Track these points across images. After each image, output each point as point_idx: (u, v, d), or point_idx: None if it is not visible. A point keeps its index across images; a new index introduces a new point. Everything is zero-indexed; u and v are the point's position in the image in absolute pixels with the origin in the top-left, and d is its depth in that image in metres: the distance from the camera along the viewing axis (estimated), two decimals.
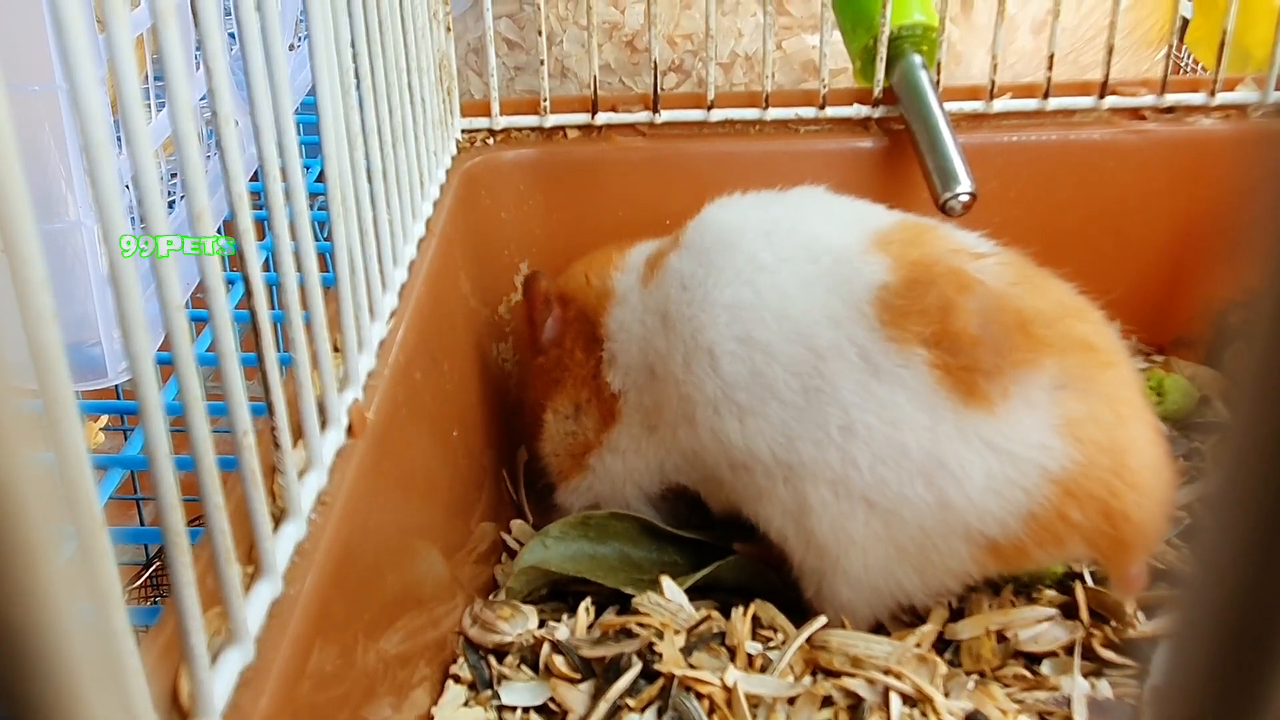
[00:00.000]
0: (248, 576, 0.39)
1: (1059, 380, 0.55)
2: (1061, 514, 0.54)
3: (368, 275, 0.52)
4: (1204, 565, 0.14)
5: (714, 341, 0.61)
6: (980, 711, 0.53)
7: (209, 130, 0.67)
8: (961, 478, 0.55)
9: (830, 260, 0.60)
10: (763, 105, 0.83)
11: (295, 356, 0.43)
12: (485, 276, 0.81)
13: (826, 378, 0.58)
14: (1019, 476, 0.54)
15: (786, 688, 0.55)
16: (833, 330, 0.58)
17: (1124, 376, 0.57)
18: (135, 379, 0.29)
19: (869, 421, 0.56)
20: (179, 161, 0.33)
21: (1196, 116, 0.84)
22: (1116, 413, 0.55)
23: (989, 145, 0.83)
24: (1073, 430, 0.54)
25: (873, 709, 0.53)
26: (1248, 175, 0.14)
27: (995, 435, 0.55)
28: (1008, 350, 0.55)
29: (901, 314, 0.57)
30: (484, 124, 0.83)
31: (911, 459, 0.56)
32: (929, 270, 0.57)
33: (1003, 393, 0.55)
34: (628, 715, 0.54)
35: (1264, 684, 0.14)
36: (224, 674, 0.36)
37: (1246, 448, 0.14)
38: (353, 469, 0.47)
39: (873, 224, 0.62)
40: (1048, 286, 0.59)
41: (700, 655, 0.57)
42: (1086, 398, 0.55)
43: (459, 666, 0.60)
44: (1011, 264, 0.60)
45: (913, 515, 0.56)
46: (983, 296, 0.56)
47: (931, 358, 0.56)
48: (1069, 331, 0.56)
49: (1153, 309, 0.86)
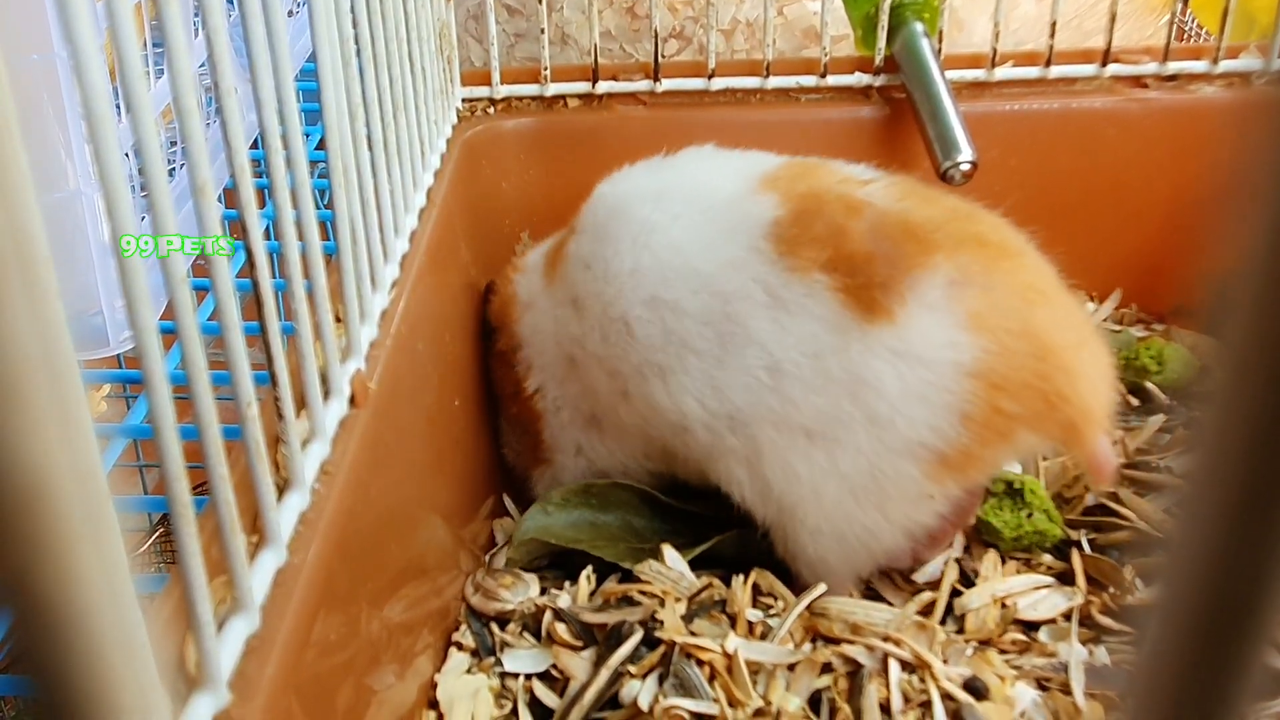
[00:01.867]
0: (252, 546, 0.39)
1: (955, 278, 0.55)
2: (994, 407, 0.54)
3: (369, 245, 0.52)
4: (1187, 535, 0.14)
5: (624, 310, 0.62)
6: (978, 678, 0.54)
7: (209, 98, 0.66)
8: (884, 391, 0.55)
9: (720, 207, 0.61)
10: (764, 74, 0.83)
11: (298, 326, 0.43)
12: (486, 246, 0.81)
13: (738, 321, 0.58)
14: (936, 378, 0.55)
15: (786, 655, 0.55)
16: (735, 273, 0.59)
17: (1026, 264, 0.57)
18: (139, 350, 0.29)
19: (790, 355, 0.57)
20: (179, 130, 0.33)
21: (1199, 84, 0.84)
22: (1024, 298, 0.55)
23: (990, 113, 0.83)
24: (978, 322, 0.54)
25: (871, 675, 0.54)
26: (1248, 143, 0.14)
27: (901, 343, 0.55)
28: (899, 259, 0.55)
29: (795, 244, 0.57)
30: (484, 93, 0.83)
31: (837, 383, 0.56)
32: (817, 199, 0.58)
33: (900, 301, 0.55)
34: (629, 682, 0.54)
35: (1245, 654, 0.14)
36: (230, 642, 0.36)
37: (1230, 419, 0.14)
38: (355, 439, 0.47)
39: (759, 168, 0.63)
40: (938, 197, 0.60)
41: (701, 623, 0.57)
42: (988, 290, 0.55)
43: (461, 634, 0.60)
44: (900, 184, 0.60)
45: (851, 440, 0.56)
46: (870, 215, 0.57)
47: (831, 281, 0.56)
48: (960, 231, 0.57)
49: (1153, 278, 0.86)
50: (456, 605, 0.62)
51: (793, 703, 0.53)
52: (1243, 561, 0.14)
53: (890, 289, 0.55)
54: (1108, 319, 0.86)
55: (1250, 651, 0.14)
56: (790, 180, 0.60)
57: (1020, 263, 0.57)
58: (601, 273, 0.63)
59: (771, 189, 0.60)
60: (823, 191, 0.59)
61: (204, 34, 0.35)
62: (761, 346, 0.58)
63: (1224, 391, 0.14)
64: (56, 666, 0.16)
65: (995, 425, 0.55)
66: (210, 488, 0.34)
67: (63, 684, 0.16)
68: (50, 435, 0.15)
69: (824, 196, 0.58)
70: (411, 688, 0.54)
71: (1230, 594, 0.14)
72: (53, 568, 0.16)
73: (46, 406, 0.15)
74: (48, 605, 0.16)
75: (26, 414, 0.15)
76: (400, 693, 0.52)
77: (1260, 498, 0.14)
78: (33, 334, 0.15)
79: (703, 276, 0.60)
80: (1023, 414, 0.54)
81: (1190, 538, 0.14)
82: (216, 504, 0.34)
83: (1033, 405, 0.54)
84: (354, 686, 0.45)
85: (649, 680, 0.54)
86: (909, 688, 0.54)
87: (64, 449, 0.16)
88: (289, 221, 0.41)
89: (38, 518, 0.15)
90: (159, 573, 0.91)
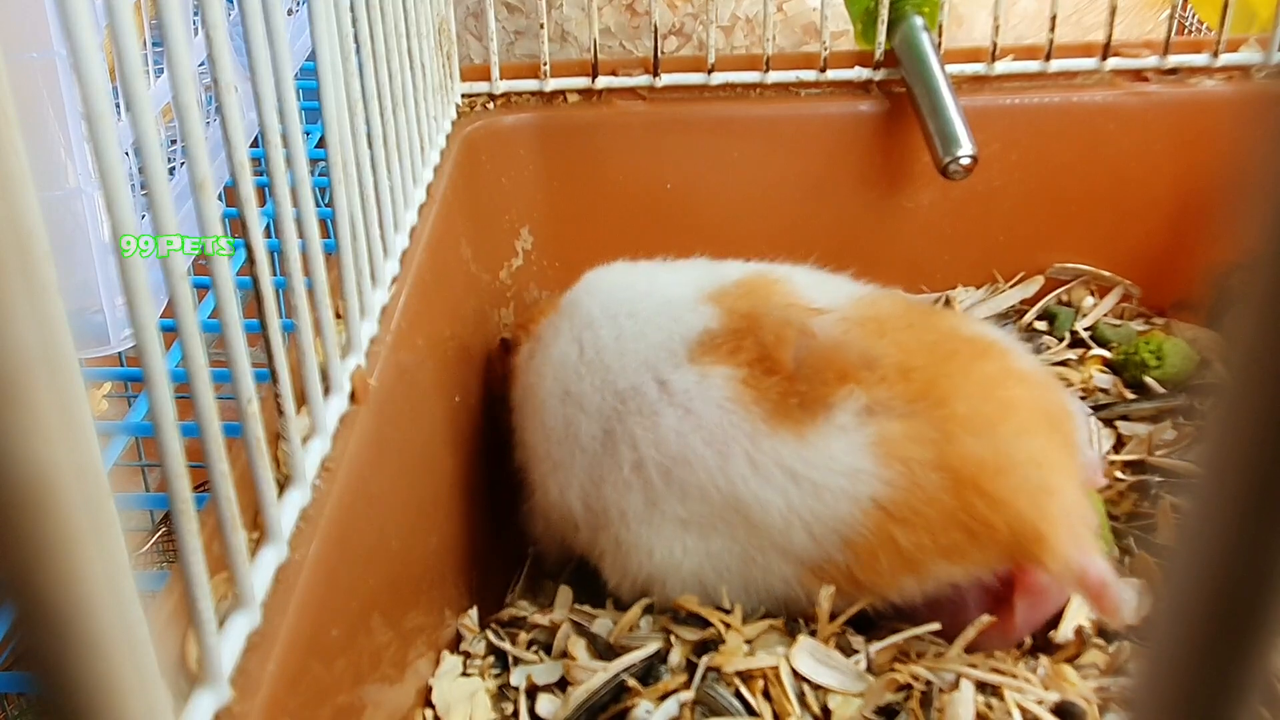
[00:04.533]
0: (253, 542, 0.39)
1: (869, 408, 0.55)
2: (888, 538, 0.53)
3: (369, 241, 0.52)
4: (1193, 532, 0.14)
5: (543, 398, 0.63)
6: (1072, 702, 0.52)
7: (209, 96, 0.66)
8: (767, 503, 0.55)
9: (659, 313, 0.61)
10: (763, 68, 0.83)
11: (298, 323, 0.43)
12: (486, 242, 0.81)
13: (624, 419, 0.59)
14: (826, 506, 0.54)
15: (853, 671, 0.53)
16: (636, 371, 0.59)
17: (967, 393, 0.55)
18: (140, 348, 0.29)
19: (670, 451, 0.57)
20: (179, 128, 0.33)
21: (1199, 78, 0.84)
22: (944, 431, 0.54)
23: (990, 108, 0.83)
24: (886, 452, 0.53)
25: (944, 692, 0.52)
26: (1249, 137, 0.14)
27: (801, 463, 0.54)
28: (817, 384, 0.55)
29: (709, 350, 0.58)
30: (484, 88, 0.83)
31: (719, 486, 0.55)
32: (754, 319, 0.58)
33: (811, 421, 0.55)
34: (638, 704, 0.53)
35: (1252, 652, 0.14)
36: (231, 639, 0.36)
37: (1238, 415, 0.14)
38: (356, 435, 0.47)
39: (717, 280, 0.62)
40: (896, 326, 0.58)
41: (767, 637, 0.56)
42: (905, 419, 0.54)
43: (470, 643, 0.60)
44: (861, 310, 0.59)
45: (727, 531, 0.56)
46: (800, 344, 0.57)
47: (743, 376, 0.56)
48: (898, 363, 0.56)
49: (1154, 271, 0.86)
50: (458, 603, 0.62)
51: (854, 705, 0.51)
52: (1249, 558, 0.14)
53: (806, 406, 0.55)
54: (1108, 313, 0.86)
55: (1257, 650, 0.14)
56: (738, 297, 0.60)
57: (961, 392, 0.55)
58: (540, 358, 0.65)
59: (716, 302, 0.60)
60: (763, 314, 0.58)
61: (203, 32, 0.35)
62: (632, 445, 0.58)
63: (1229, 386, 0.14)
64: (59, 664, 0.16)
65: (890, 556, 0.54)
66: (211, 485, 0.34)
67: (65, 682, 0.16)
68: (52, 434, 0.15)
69: (762, 319, 0.58)
70: (411, 685, 0.54)
71: (1237, 591, 0.14)
72: (55, 566, 0.16)
73: (48, 405, 0.15)
74: (50, 603, 0.16)
75: (28, 412, 0.15)
76: (400, 690, 0.52)
77: (1267, 494, 0.14)
78: (34, 332, 0.15)
79: (609, 374, 0.60)
80: (932, 546, 0.53)
81: (1196, 535, 0.14)
82: (217, 501, 0.34)
83: (948, 538, 0.53)
84: (354, 683, 0.45)
85: (667, 703, 0.52)
86: (985, 710, 0.51)
87: (65, 447, 0.16)
88: (289, 219, 0.41)
89: (40, 516, 0.15)
90: (161, 570, 0.91)
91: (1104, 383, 0.78)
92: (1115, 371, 0.79)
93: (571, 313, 0.65)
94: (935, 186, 0.85)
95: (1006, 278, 0.88)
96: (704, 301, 0.60)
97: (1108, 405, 0.75)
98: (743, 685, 0.52)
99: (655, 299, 0.62)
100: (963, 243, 0.87)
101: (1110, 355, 0.80)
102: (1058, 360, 0.80)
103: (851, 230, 0.87)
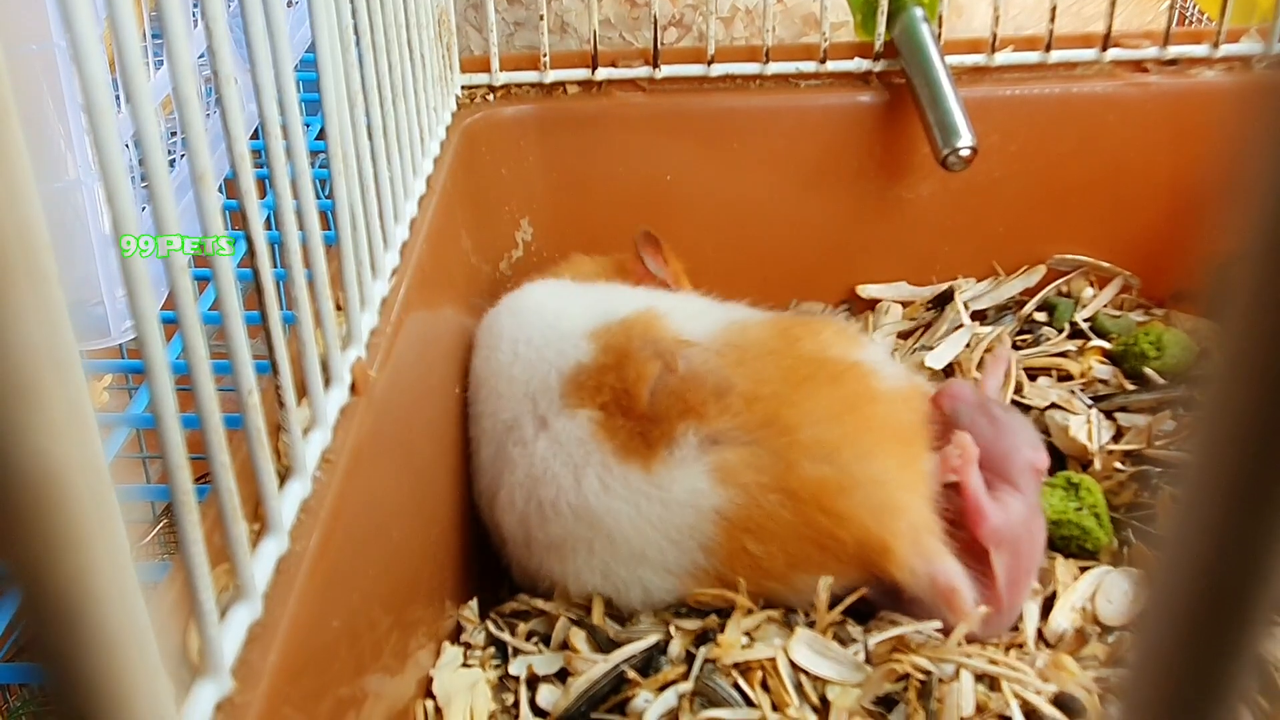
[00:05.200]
0: (254, 534, 0.39)
1: (711, 438, 0.58)
2: (741, 548, 0.57)
3: (369, 233, 0.52)
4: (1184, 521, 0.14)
5: (470, 404, 0.67)
6: (1071, 695, 0.52)
7: (209, 88, 0.66)
8: (620, 520, 0.58)
9: (549, 342, 0.65)
10: (763, 60, 0.83)
11: (298, 315, 0.43)
12: (486, 233, 0.81)
13: (504, 446, 0.63)
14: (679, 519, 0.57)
15: (851, 661, 0.54)
16: (520, 404, 0.63)
17: (810, 422, 0.58)
18: (141, 339, 0.29)
19: (534, 473, 0.61)
20: (179, 120, 0.33)
21: (1199, 69, 0.84)
22: (784, 457, 0.57)
23: (990, 99, 0.83)
24: (726, 476, 0.57)
25: (942, 684, 0.52)
26: (1246, 128, 0.14)
27: (653, 489, 0.58)
28: (665, 419, 0.59)
29: (580, 387, 0.61)
30: (484, 80, 0.83)
31: (570, 503, 0.59)
32: (623, 356, 0.62)
33: (656, 454, 0.58)
34: (637, 693, 0.53)
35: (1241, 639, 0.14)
36: (233, 630, 0.36)
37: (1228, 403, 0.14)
38: (356, 427, 0.47)
39: (607, 315, 0.65)
40: (759, 356, 0.61)
41: (766, 628, 0.56)
42: (747, 447, 0.57)
43: (470, 635, 0.60)
44: (731, 341, 0.62)
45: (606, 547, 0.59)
46: (658, 379, 0.60)
47: (600, 419, 0.60)
48: (746, 393, 0.59)
49: (1154, 262, 0.86)
50: (459, 594, 0.62)
51: (851, 695, 0.52)
52: (1239, 547, 0.14)
53: (650, 444, 0.58)
54: (1108, 305, 0.86)
55: (1246, 638, 0.14)
56: (618, 332, 0.63)
57: (808, 418, 0.58)
58: (471, 364, 0.69)
59: (595, 338, 0.64)
60: (634, 350, 0.61)
61: (203, 24, 0.35)
62: (526, 472, 0.61)
63: (1222, 375, 0.14)
64: (65, 657, 0.16)
65: (746, 564, 0.57)
66: (212, 476, 0.34)
67: (72, 675, 0.16)
68: (60, 430, 0.15)
69: (633, 355, 0.61)
70: (411, 676, 0.54)
71: (1226, 580, 0.14)
72: (63, 560, 0.16)
73: (56, 402, 0.15)
74: (57, 597, 0.16)
75: (38, 410, 0.15)
76: (400, 681, 0.52)
77: (1257, 482, 0.14)
78: (41, 330, 0.15)
79: (501, 400, 0.65)
80: (783, 557, 0.56)
81: (1187, 523, 0.14)
82: (218, 492, 0.34)
83: (799, 550, 0.56)
84: (355, 674, 0.45)
85: (666, 694, 0.53)
86: (985, 699, 0.51)
87: (73, 444, 0.16)
88: (289, 211, 0.41)
89: (49, 512, 0.16)
90: (163, 561, 0.91)
91: (1104, 374, 0.78)
92: (1115, 362, 0.79)
93: (488, 330, 0.69)
94: (935, 178, 0.85)
95: (1006, 269, 0.88)
96: (586, 337, 0.64)
97: (1107, 396, 0.75)
98: (740, 677, 0.53)
99: (549, 329, 0.66)
100: (962, 234, 0.87)
101: (1110, 346, 0.80)
102: (1057, 351, 0.80)
103: (851, 221, 0.87)
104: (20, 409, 0.15)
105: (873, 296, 0.89)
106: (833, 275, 0.89)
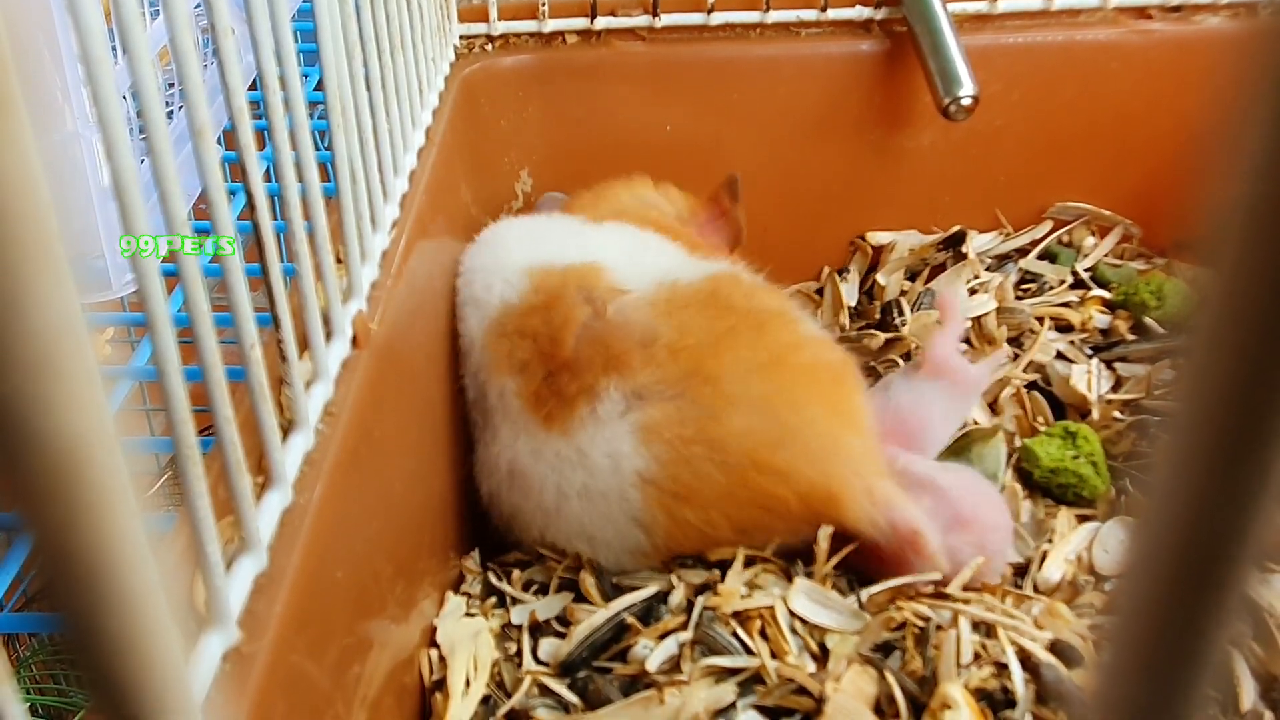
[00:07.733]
0: (258, 486, 0.40)
1: (637, 392, 0.56)
2: (672, 515, 0.55)
3: (369, 185, 0.52)
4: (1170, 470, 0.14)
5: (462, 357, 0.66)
6: (1067, 643, 0.52)
7: (206, 39, 0.66)
8: (545, 488, 0.58)
9: (489, 274, 0.64)
10: (763, 8, 0.82)
11: (299, 268, 0.43)
12: (486, 185, 0.81)
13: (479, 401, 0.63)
14: (604, 486, 0.56)
15: (850, 610, 0.54)
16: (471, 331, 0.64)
17: (741, 373, 0.56)
18: (142, 293, 0.29)
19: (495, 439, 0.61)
20: (176, 71, 0.32)
21: (1204, 15, 0.83)
22: (711, 411, 0.55)
23: (992, 47, 0.82)
24: (650, 436, 0.55)
25: (940, 631, 0.52)
26: (1247, 73, 0.14)
27: (574, 453, 0.57)
28: (587, 372, 0.57)
29: (503, 335, 0.61)
30: (482, 30, 0.82)
31: (530, 472, 0.59)
32: (551, 297, 0.60)
33: (576, 415, 0.57)
34: (638, 641, 0.53)
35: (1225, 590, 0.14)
36: (238, 581, 0.36)
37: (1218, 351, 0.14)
38: (358, 379, 0.47)
39: (552, 256, 0.64)
40: (691, 305, 0.60)
41: (765, 576, 0.56)
42: (672, 401, 0.56)
43: (470, 584, 0.61)
44: (651, 299, 0.60)
45: (554, 521, 0.59)
46: (584, 326, 0.59)
47: (518, 387, 0.59)
48: (672, 344, 0.57)
49: (1156, 211, 0.86)
50: (462, 545, 0.63)
51: (850, 643, 0.52)
52: (1227, 493, 0.14)
53: (567, 402, 0.57)
54: (1109, 254, 0.85)
55: (1233, 582, 0.14)
56: (552, 275, 0.62)
57: (732, 370, 0.56)
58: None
59: (531, 276, 0.62)
60: (564, 294, 0.60)
61: None
62: (492, 433, 0.61)
63: (1212, 322, 0.14)
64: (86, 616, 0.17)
65: (694, 535, 0.55)
66: (215, 429, 0.34)
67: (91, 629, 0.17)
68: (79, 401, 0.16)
69: (561, 298, 0.60)
70: (415, 626, 0.54)
71: (1215, 524, 0.14)
72: (84, 528, 0.16)
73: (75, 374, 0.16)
74: (81, 560, 0.16)
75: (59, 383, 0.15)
76: (405, 630, 0.53)
77: (1245, 429, 0.14)
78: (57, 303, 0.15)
79: (465, 326, 0.64)
80: (725, 523, 0.55)
81: (1176, 470, 0.14)
82: (222, 445, 0.34)
83: (742, 515, 0.55)
84: (360, 623, 0.46)
85: (666, 642, 0.53)
86: (980, 648, 0.52)
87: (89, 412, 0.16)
88: (288, 163, 0.41)
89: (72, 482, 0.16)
90: (168, 513, 0.92)
91: (1104, 323, 0.78)
92: (1115, 311, 0.79)
93: (464, 259, 0.68)
94: (936, 127, 0.85)
95: (1008, 217, 0.88)
96: (522, 274, 0.63)
97: (1108, 346, 0.75)
98: (740, 626, 0.53)
99: (497, 261, 0.65)
100: (964, 183, 0.87)
101: (1110, 296, 0.80)
102: (1059, 301, 0.80)
103: (852, 171, 0.86)
104: (47, 386, 0.15)
105: (879, 243, 0.88)
106: (834, 225, 0.89)
